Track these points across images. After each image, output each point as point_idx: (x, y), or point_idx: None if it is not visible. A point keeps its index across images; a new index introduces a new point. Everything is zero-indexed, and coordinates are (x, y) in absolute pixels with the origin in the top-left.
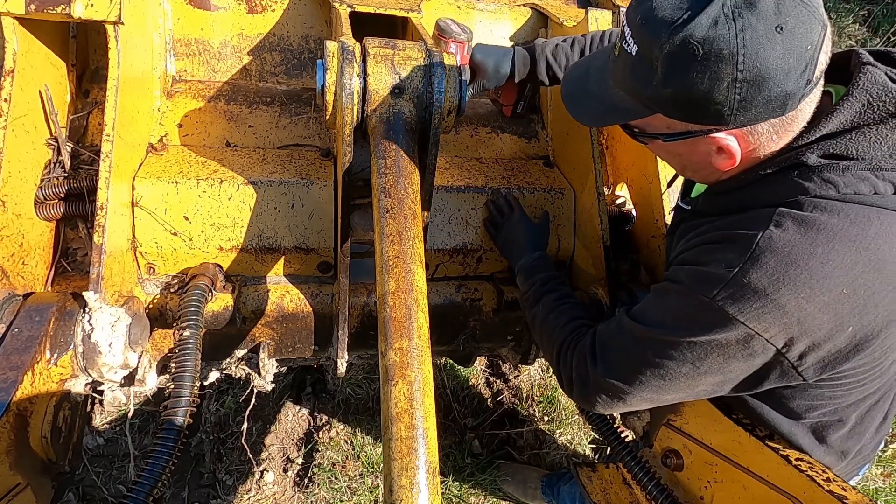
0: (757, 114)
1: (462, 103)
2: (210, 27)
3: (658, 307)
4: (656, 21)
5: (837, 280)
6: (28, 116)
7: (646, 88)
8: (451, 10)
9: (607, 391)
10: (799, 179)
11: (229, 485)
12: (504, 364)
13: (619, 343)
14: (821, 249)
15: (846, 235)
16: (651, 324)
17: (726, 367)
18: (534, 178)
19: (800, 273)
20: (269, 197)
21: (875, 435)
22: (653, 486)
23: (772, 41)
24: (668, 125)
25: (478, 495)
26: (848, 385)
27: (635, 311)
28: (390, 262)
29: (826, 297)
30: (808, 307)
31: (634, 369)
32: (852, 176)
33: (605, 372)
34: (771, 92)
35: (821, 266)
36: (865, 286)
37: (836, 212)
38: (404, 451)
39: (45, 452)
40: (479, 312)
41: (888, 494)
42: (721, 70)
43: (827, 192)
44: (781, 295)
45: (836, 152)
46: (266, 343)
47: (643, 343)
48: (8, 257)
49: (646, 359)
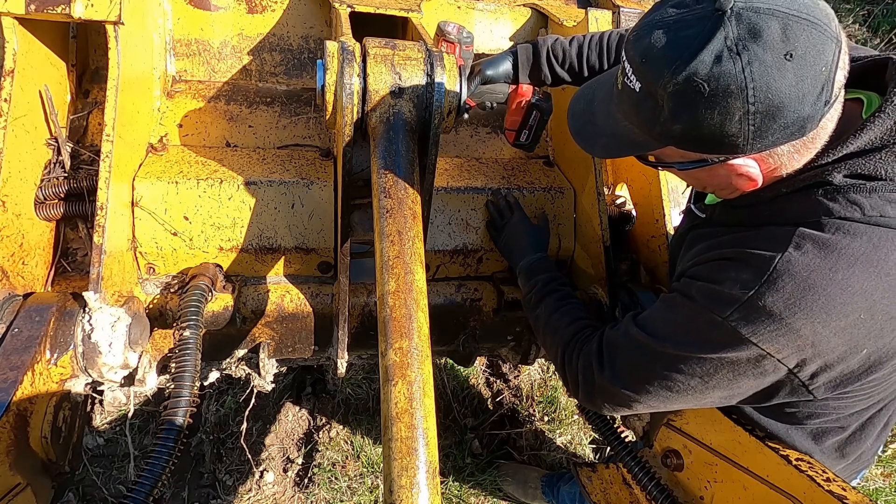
0: (775, 140)
1: (462, 103)
2: (210, 27)
3: (668, 320)
4: (657, 59)
5: (855, 305)
6: (28, 116)
7: (654, 125)
8: (451, 10)
9: (613, 397)
10: (823, 199)
11: (229, 485)
12: (504, 364)
13: (626, 352)
14: (840, 276)
15: (868, 260)
16: (660, 336)
17: (735, 383)
18: (534, 177)
19: (817, 299)
20: (269, 197)
21: (875, 441)
22: (653, 486)
23: (782, 70)
24: (683, 155)
25: (478, 495)
26: (854, 397)
27: (643, 321)
28: (390, 262)
29: (843, 322)
30: (823, 331)
31: (642, 379)
32: (879, 198)
33: (612, 379)
34: (787, 119)
35: (840, 292)
36: (883, 311)
37: (858, 235)
38: (404, 451)
39: (45, 452)
40: (479, 312)
41: (888, 494)
42: (731, 105)
43: (852, 213)
44: (797, 319)
45: (863, 172)
46: (266, 343)
47: (652, 355)
48: (8, 257)
49: (654, 371)
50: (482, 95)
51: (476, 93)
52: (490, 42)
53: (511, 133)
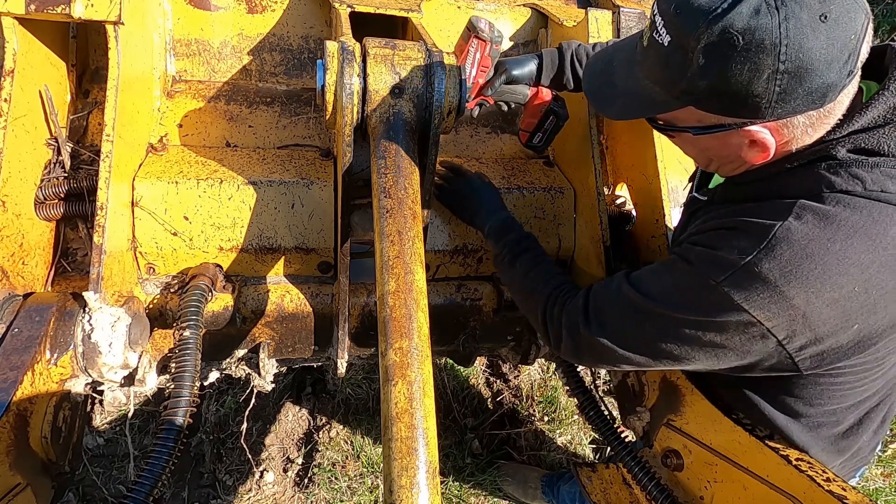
0: (796, 106)
1: (462, 103)
2: (210, 27)
3: (662, 281)
4: (693, 10)
5: (851, 277)
6: (28, 116)
7: (679, 80)
8: (451, 10)
9: (599, 352)
10: (825, 173)
11: (229, 485)
12: (504, 364)
13: (616, 308)
14: (838, 246)
15: (866, 233)
16: (652, 296)
17: (723, 349)
18: (534, 177)
19: (814, 268)
20: (269, 197)
21: (873, 437)
22: (653, 487)
23: (815, 31)
24: (700, 118)
25: (478, 495)
26: (848, 385)
27: (636, 279)
28: (390, 262)
29: (836, 293)
30: (816, 302)
31: (630, 337)
32: (881, 173)
33: (599, 333)
34: (812, 83)
35: (836, 263)
36: (878, 286)
37: (859, 208)
38: (404, 451)
39: (45, 452)
40: (479, 312)
41: (888, 494)
42: (762, 61)
43: (853, 187)
44: (791, 288)
45: (866, 147)
46: (266, 343)
47: (642, 313)
48: (8, 257)
49: (643, 329)
50: (503, 94)
51: (498, 91)
52: None
53: (525, 134)
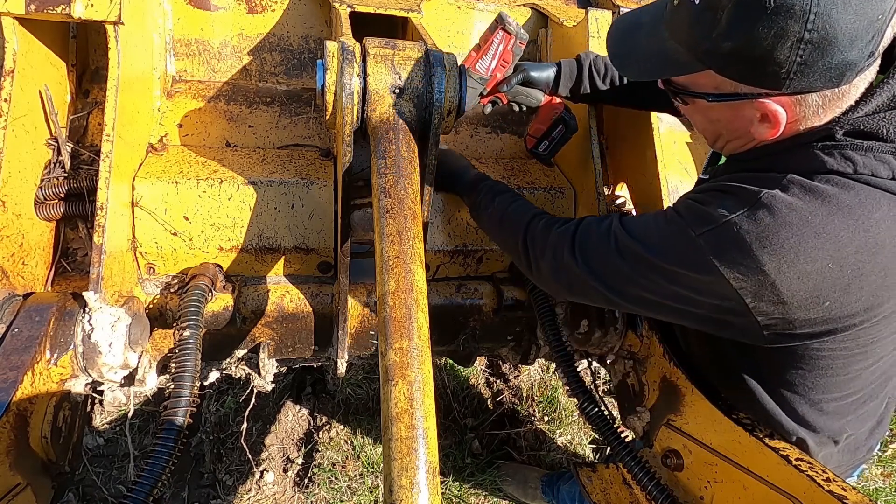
0: (813, 81)
1: (462, 103)
2: (210, 27)
3: (648, 225)
4: None
5: (825, 253)
6: (28, 116)
7: (704, 40)
8: (452, 10)
9: (572, 279)
10: (820, 153)
11: (229, 485)
12: (504, 364)
13: (602, 242)
14: (818, 220)
15: (850, 213)
16: (635, 237)
17: (691, 304)
18: (534, 177)
19: (790, 237)
20: (269, 197)
21: (869, 436)
22: (653, 486)
23: (845, 3)
24: (717, 85)
25: (478, 495)
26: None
27: (627, 220)
28: (390, 262)
29: (809, 266)
30: (787, 272)
31: (605, 272)
32: (873, 157)
33: (580, 261)
34: (833, 59)
35: (812, 236)
36: (854, 266)
37: (846, 188)
38: (404, 451)
39: (45, 452)
40: (479, 312)
41: (888, 494)
42: (789, 27)
43: (844, 168)
44: (764, 254)
45: (864, 129)
46: (266, 343)
47: (622, 252)
48: (8, 257)
49: (619, 267)
50: (517, 95)
51: (512, 91)
52: None
53: (532, 139)
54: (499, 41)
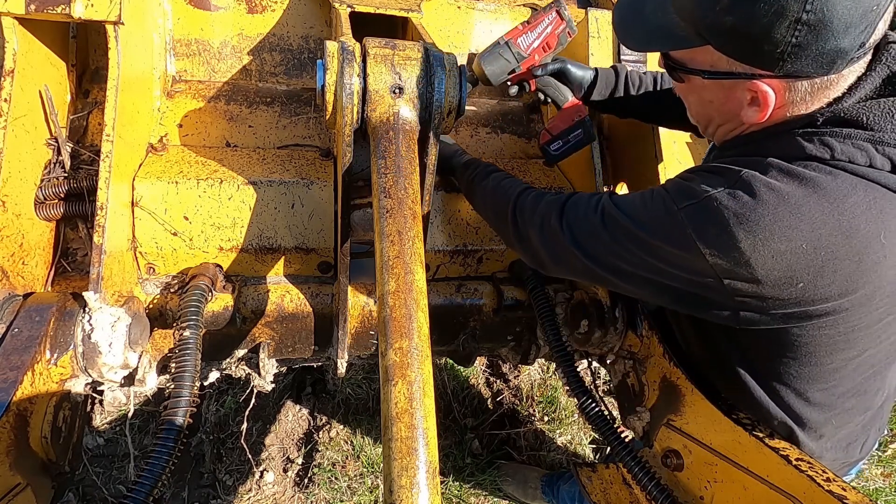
0: (805, 65)
1: (462, 103)
2: (210, 27)
3: (635, 201)
4: None
5: (800, 233)
6: (28, 116)
7: (706, 14)
8: (451, 10)
9: (558, 248)
10: (800, 139)
11: (229, 485)
12: (504, 364)
13: (589, 212)
14: (794, 200)
15: (825, 196)
16: (622, 210)
17: (666, 275)
18: (534, 177)
19: (765, 215)
20: (269, 197)
21: (862, 431)
22: (653, 487)
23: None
24: (713, 62)
25: (478, 495)
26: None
27: (616, 196)
28: (390, 262)
29: (783, 246)
30: (762, 250)
31: (589, 241)
32: (851, 144)
33: (566, 229)
34: (826, 44)
35: (788, 215)
36: (828, 248)
37: (823, 173)
38: (404, 451)
39: (45, 452)
40: (479, 312)
41: (888, 494)
42: (788, 6)
43: (822, 154)
44: (740, 230)
45: (845, 117)
46: (266, 343)
47: (607, 221)
48: (8, 257)
49: (601, 236)
50: (547, 86)
51: (544, 80)
52: (490, 42)
53: (547, 135)
54: (549, 22)
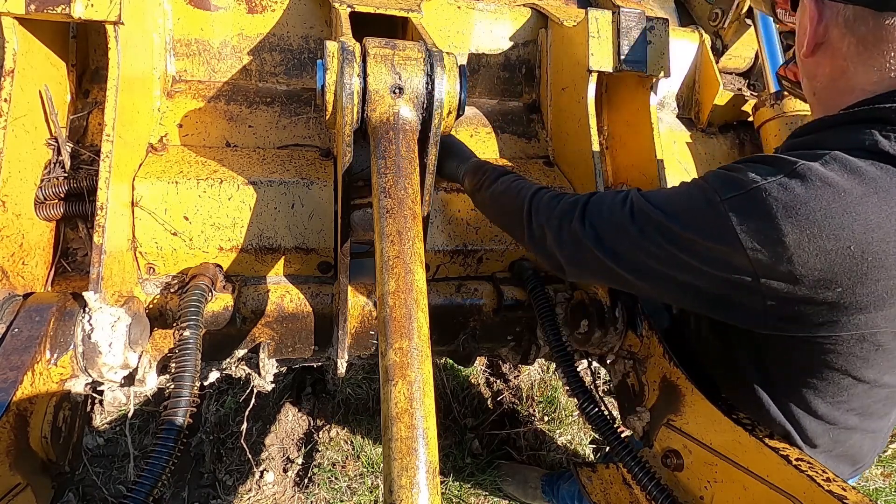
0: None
1: (462, 103)
2: (210, 27)
3: (670, 194)
4: None
5: (850, 233)
6: (28, 116)
7: None
8: (451, 10)
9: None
10: (871, 132)
11: (229, 485)
12: (504, 364)
13: (615, 207)
14: (849, 199)
15: (887, 198)
16: (654, 204)
17: (696, 273)
18: (534, 177)
19: (817, 210)
20: (269, 197)
21: (864, 436)
22: (653, 487)
23: None
24: None
25: (478, 495)
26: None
27: (647, 191)
28: (390, 262)
29: (829, 244)
30: (807, 247)
31: (613, 236)
32: None
33: (588, 227)
34: None
35: (840, 213)
36: (876, 255)
37: (889, 173)
38: (404, 451)
39: (45, 452)
40: (479, 312)
41: (888, 494)
42: None
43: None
44: (787, 224)
45: None
46: (266, 343)
47: (636, 215)
48: (8, 257)
49: (628, 230)
50: None
51: None
52: (490, 42)
53: None
54: None
